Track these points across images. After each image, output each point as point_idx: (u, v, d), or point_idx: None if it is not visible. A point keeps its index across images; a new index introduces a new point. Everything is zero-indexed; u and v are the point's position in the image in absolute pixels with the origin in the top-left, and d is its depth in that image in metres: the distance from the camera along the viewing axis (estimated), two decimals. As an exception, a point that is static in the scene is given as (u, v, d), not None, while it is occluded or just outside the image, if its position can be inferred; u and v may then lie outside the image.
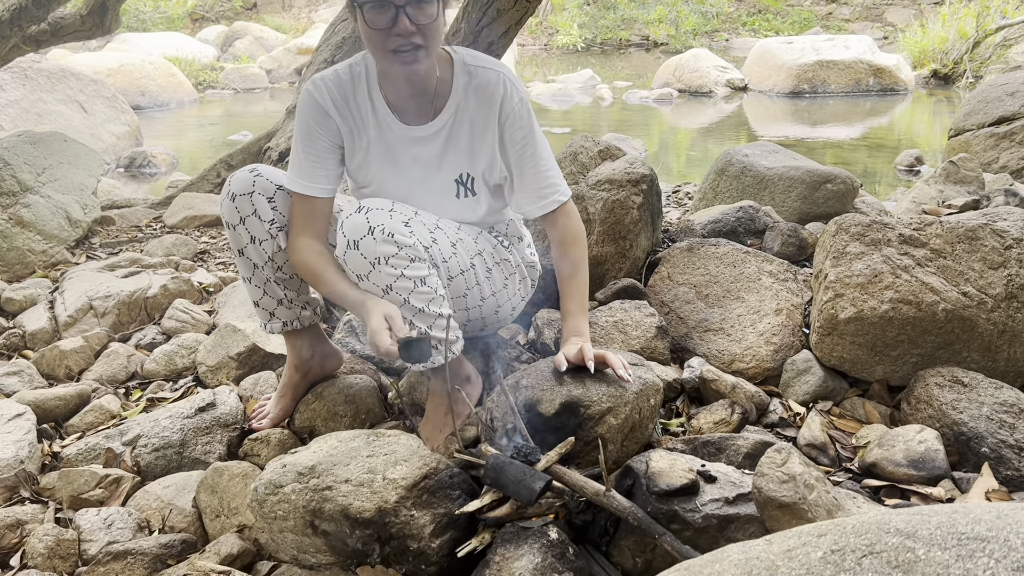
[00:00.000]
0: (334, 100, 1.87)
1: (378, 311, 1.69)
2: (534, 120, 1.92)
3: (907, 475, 1.75)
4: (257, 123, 8.80)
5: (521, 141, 1.89)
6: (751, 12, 16.98)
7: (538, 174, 1.90)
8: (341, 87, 1.88)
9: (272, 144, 4.17)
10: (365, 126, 1.90)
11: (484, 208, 1.98)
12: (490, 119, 1.88)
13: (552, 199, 1.91)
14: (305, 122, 1.87)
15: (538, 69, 13.97)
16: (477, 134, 1.89)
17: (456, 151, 1.91)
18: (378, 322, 1.67)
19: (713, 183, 3.66)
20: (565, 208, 1.93)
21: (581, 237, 1.96)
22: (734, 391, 2.07)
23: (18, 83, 6.73)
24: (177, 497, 1.89)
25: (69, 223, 3.65)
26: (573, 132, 7.98)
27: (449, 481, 1.61)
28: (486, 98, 1.87)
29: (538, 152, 1.90)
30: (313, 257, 1.85)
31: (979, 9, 10.03)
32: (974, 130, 5.08)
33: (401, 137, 1.90)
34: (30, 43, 4.27)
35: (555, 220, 1.93)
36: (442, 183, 1.93)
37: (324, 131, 1.88)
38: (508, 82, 1.88)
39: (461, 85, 1.87)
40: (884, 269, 2.08)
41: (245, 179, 1.89)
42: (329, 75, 1.89)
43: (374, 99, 1.88)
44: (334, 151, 1.90)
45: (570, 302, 1.92)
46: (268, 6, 18.21)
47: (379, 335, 1.65)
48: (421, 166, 1.91)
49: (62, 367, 2.56)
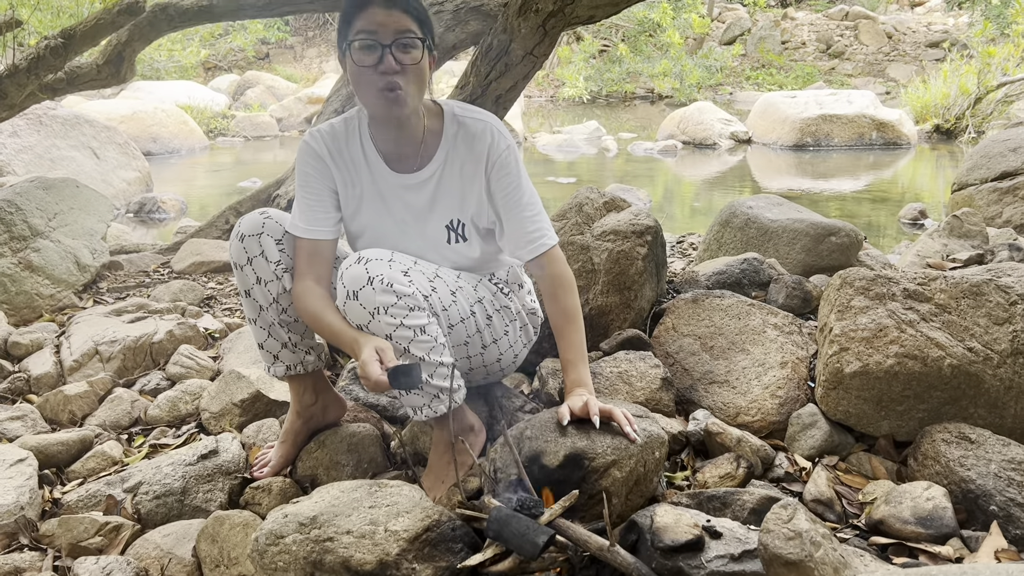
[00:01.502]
0: (329, 150, 1.96)
1: (370, 344, 1.71)
2: (522, 167, 1.97)
3: (915, 533, 1.73)
4: (267, 171, 8.90)
5: (508, 188, 1.94)
6: (755, 66, 17.23)
7: (525, 219, 1.94)
8: (336, 138, 1.97)
9: (281, 191, 4.21)
10: (358, 175, 1.97)
11: (477, 252, 2.01)
12: (478, 166, 1.94)
13: (540, 243, 1.94)
14: (303, 170, 1.97)
15: (544, 120, 14.15)
16: (466, 181, 1.95)
17: (446, 198, 1.96)
18: (369, 353, 1.68)
19: (717, 235, 3.68)
20: (552, 253, 1.95)
21: (571, 283, 1.96)
22: (739, 444, 2.05)
23: (33, 129, 6.83)
24: (177, 546, 1.87)
25: (78, 268, 3.68)
26: (578, 183, 8.05)
27: (451, 534, 1.60)
28: (474, 146, 1.93)
29: (524, 199, 1.95)
30: (313, 300, 1.89)
31: (980, 66, 10.17)
32: (977, 184, 5.11)
33: (392, 184, 1.96)
34: (46, 91, 4.35)
35: (542, 264, 1.95)
36: (433, 229, 1.97)
37: (321, 177, 1.96)
38: (495, 131, 1.94)
39: (451, 135, 1.94)
40: (889, 323, 2.08)
41: (255, 220, 1.95)
42: (325, 127, 1.99)
43: (366, 148, 1.96)
44: (331, 195, 1.98)
45: (569, 352, 1.92)
46: (280, 56, 18.56)
47: (369, 365, 1.66)
48: (412, 213, 1.97)
49: (66, 412, 2.55)
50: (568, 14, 3.04)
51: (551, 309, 1.95)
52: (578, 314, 1.95)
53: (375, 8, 1.78)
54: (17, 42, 4.33)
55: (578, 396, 1.83)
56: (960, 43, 14.65)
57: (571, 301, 1.94)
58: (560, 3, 2.94)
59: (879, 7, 19.51)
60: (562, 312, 1.93)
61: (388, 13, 1.78)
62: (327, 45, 19.16)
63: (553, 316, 1.95)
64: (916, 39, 17.60)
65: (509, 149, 1.95)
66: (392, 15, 1.78)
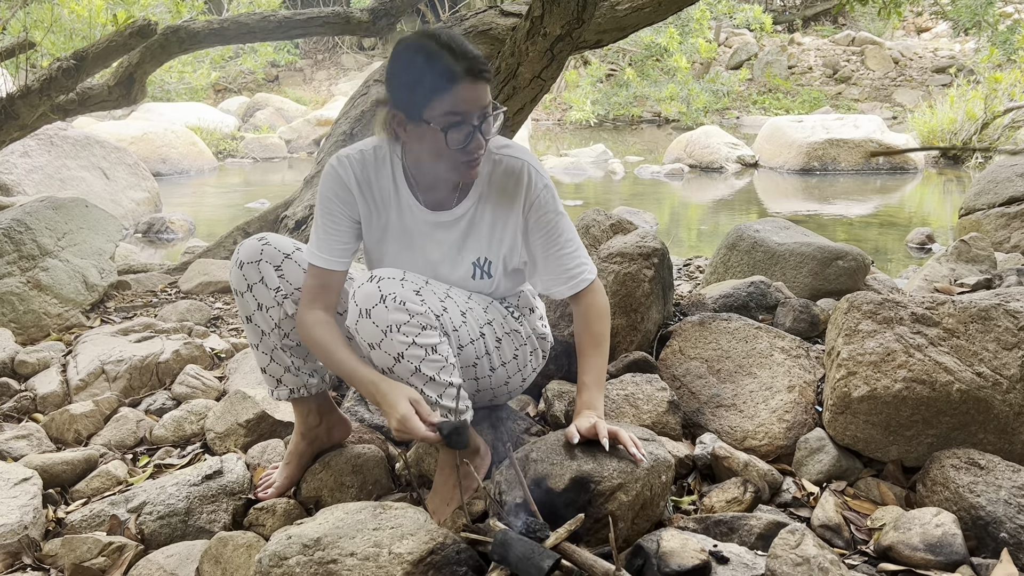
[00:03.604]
0: (357, 178, 1.91)
1: (403, 398, 1.70)
2: (559, 204, 1.95)
3: (924, 560, 1.71)
4: (275, 192, 8.95)
5: (547, 227, 1.93)
6: (761, 91, 17.29)
7: (565, 256, 1.94)
8: (365, 167, 1.92)
9: (289, 213, 4.23)
10: (385, 207, 1.93)
11: (499, 290, 2.01)
12: (513, 207, 1.92)
13: (580, 279, 1.95)
14: (326, 196, 1.92)
15: (551, 143, 14.21)
16: (499, 221, 1.93)
17: (476, 237, 1.94)
18: (407, 408, 1.68)
19: (724, 258, 3.68)
20: (592, 287, 1.96)
21: (605, 313, 1.96)
22: (747, 469, 2.04)
23: (44, 149, 6.89)
24: (180, 567, 1.86)
25: (86, 287, 3.70)
26: (585, 205, 8.07)
27: (456, 557, 1.59)
28: (510, 187, 1.91)
29: (564, 236, 1.94)
30: (323, 332, 1.86)
31: (987, 91, 10.19)
32: (985, 209, 5.11)
33: (421, 221, 1.93)
34: (58, 112, 4.39)
35: (580, 298, 1.95)
36: (460, 267, 1.95)
37: (344, 206, 1.91)
38: (532, 170, 1.92)
39: (486, 172, 1.91)
40: (897, 348, 2.07)
41: (253, 247, 1.93)
42: (355, 154, 1.93)
43: (398, 183, 1.92)
44: (352, 226, 1.94)
45: (587, 375, 1.91)
46: (289, 79, 18.71)
47: (411, 422, 1.66)
48: (441, 251, 1.94)
49: (71, 431, 2.55)
50: (575, 38, 3.06)
51: (580, 335, 1.95)
52: (606, 342, 1.95)
53: (465, 84, 1.71)
54: (30, 63, 4.38)
55: (586, 418, 1.82)
56: (967, 69, 14.69)
57: (603, 329, 1.95)
58: (568, 28, 2.97)
59: (885, 32, 19.60)
60: (591, 338, 1.94)
61: (475, 88, 1.72)
62: (336, 68, 19.31)
63: (581, 341, 1.95)
64: (923, 64, 17.66)
65: (547, 188, 1.93)
66: (478, 89, 1.73)
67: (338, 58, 19.72)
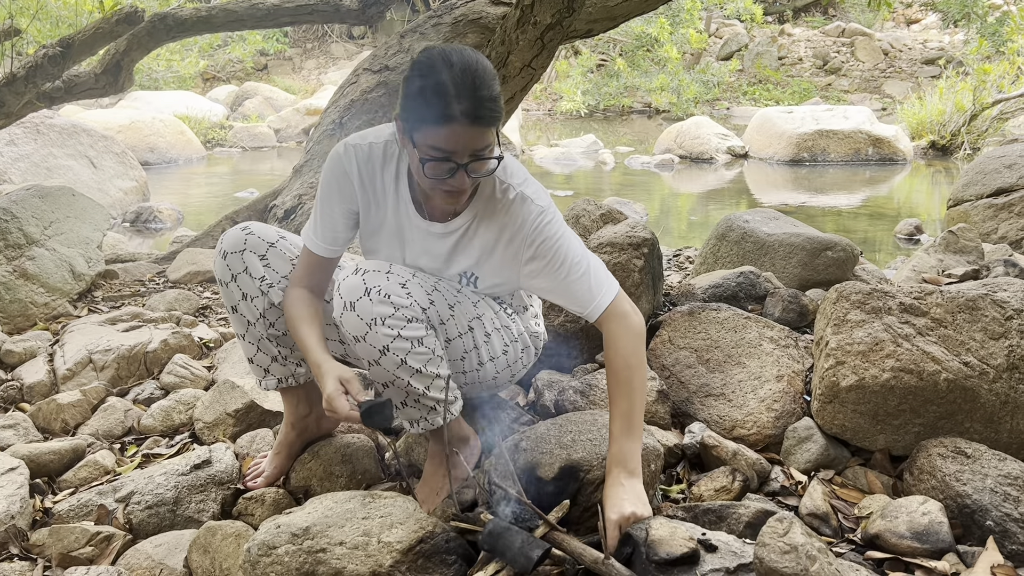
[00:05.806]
0: (360, 171, 1.86)
1: (333, 375, 1.68)
2: (560, 226, 1.83)
3: (911, 548, 1.72)
4: (264, 181, 8.90)
5: (549, 255, 1.81)
6: (752, 82, 17.30)
7: (573, 282, 1.81)
8: (371, 160, 1.87)
9: (278, 202, 4.20)
10: (384, 205, 1.90)
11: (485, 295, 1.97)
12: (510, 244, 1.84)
13: (594, 305, 1.80)
14: (328, 181, 1.89)
15: (542, 133, 14.19)
16: (487, 247, 1.87)
17: (465, 253, 1.89)
18: (334, 387, 1.65)
19: (714, 248, 3.69)
20: (613, 311, 1.80)
21: (632, 345, 1.78)
22: (735, 458, 2.05)
23: (30, 138, 6.83)
24: (168, 556, 1.86)
25: (73, 276, 3.67)
26: (575, 195, 8.07)
27: (445, 546, 1.59)
28: (505, 215, 1.82)
29: (569, 261, 1.81)
30: (297, 308, 1.87)
31: (976, 83, 10.23)
32: (973, 200, 5.13)
33: (415, 227, 1.89)
34: (44, 99, 4.35)
35: (602, 325, 1.82)
36: (446, 274, 1.92)
37: (343, 195, 1.88)
38: (530, 203, 1.81)
39: (485, 194, 1.83)
40: (885, 337, 2.08)
41: (236, 237, 1.92)
42: (364, 145, 1.87)
43: (399, 186, 1.88)
44: (348, 216, 1.91)
45: (614, 423, 1.74)
46: (278, 68, 18.60)
47: (336, 400, 1.64)
48: (429, 257, 1.91)
49: (58, 421, 2.54)
50: (566, 27, 3.05)
51: (607, 373, 1.80)
52: (631, 375, 1.76)
53: (456, 127, 1.59)
54: (15, 51, 4.34)
55: (618, 499, 1.64)
56: (956, 60, 14.73)
57: (628, 364, 1.77)
58: (558, 16, 2.96)
59: (875, 24, 19.63)
60: (615, 380, 1.78)
61: (468, 131, 1.60)
62: (325, 57, 19.21)
63: (607, 380, 1.80)
64: (912, 56, 17.71)
65: (547, 224, 1.80)
66: (472, 132, 1.61)
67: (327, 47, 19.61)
